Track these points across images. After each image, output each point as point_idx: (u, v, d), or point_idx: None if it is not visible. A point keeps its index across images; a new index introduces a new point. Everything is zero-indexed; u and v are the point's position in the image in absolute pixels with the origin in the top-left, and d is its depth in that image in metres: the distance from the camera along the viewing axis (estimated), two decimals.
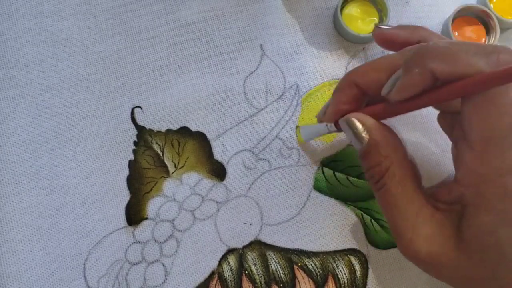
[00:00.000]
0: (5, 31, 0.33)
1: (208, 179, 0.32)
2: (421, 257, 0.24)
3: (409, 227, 0.25)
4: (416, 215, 0.25)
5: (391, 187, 0.25)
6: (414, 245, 0.24)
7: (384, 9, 0.34)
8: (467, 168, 0.23)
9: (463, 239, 0.23)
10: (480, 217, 0.23)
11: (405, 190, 0.25)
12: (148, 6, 0.34)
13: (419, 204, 0.25)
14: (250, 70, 0.34)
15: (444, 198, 0.25)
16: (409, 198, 0.25)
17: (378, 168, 0.25)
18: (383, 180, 0.25)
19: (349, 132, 0.26)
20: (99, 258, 0.31)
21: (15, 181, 0.31)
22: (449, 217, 0.24)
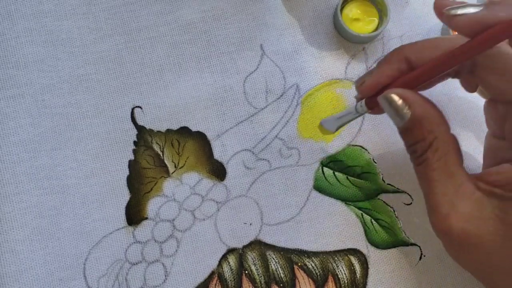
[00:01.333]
0: (5, 31, 0.33)
1: (208, 179, 0.32)
2: (455, 234, 0.24)
3: (446, 202, 0.24)
4: (456, 191, 0.24)
5: (433, 161, 0.24)
6: (449, 220, 0.24)
7: (384, 9, 0.34)
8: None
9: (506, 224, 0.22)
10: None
11: (447, 165, 0.24)
12: (148, 6, 0.34)
13: (460, 180, 0.24)
14: (250, 70, 0.34)
15: (491, 178, 0.24)
16: (449, 173, 0.24)
17: (422, 143, 0.25)
18: (425, 154, 0.25)
19: (389, 109, 0.25)
20: (99, 258, 0.31)
21: (15, 181, 0.31)
22: (490, 199, 0.24)
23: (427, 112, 0.25)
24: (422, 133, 0.25)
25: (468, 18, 0.22)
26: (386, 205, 0.33)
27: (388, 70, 0.26)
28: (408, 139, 0.26)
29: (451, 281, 0.32)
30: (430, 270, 0.32)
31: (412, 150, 0.25)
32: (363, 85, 0.27)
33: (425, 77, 0.25)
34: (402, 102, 0.25)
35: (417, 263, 0.32)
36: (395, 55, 0.26)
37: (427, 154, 0.25)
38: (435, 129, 0.25)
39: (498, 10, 0.21)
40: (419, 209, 0.33)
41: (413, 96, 0.25)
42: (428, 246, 0.32)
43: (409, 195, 0.33)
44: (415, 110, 0.24)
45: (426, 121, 0.24)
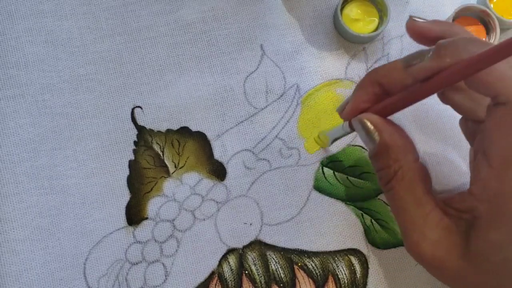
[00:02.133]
0: (5, 31, 0.33)
1: (208, 179, 0.32)
2: (426, 259, 0.25)
3: (415, 230, 0.25)
4: (424, 219, 0.25)
5: (399, 190, 0.25)
6: (420, 248, 0.25)
7: (384, 9, 0.34)
8: (483, 183, 0.23)
9: (470, 250, 0.23)
10: (490, 233, 0.23)
11: (413, 194, 0.25)
12: (148, 6, 0.34)
13: (428, 208, 0.25)
14: (250, 70, 0.34)
15: (455, 205, 0.25)
16: (417, 202, 0.25)
17: (387, 171, 0.25)
18: (391, 183, 0.25)
19: (361, 132, 0.26)
20: (99, 258, 0.31)
21: (15, 181, 0.31)
22: (458, 224, 0.24)
23: (394, 140, 0.25)
24: (388, 160, 0.25)
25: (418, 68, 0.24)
26: (386, 205, 0.33)
27: (363, 95, 0.27)
28: (375, 164, 0.26)
29: None
30: None
31: (379, 175, 0.26)
32: (344, 112, 0.28)
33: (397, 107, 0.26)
34: (373, 127, 0.26)
35: (417, 263, 0.32)
36: (367, 80, 0.27)
37: (392, 183, 0.25)
38: (401, 158, 0.25)
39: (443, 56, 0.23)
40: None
41: (382, 124, 0.26)
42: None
43: None
44: (383, 137, 0.25)
45: (392, 149, 0.25)
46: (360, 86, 0.28)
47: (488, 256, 0.23)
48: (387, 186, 0.26)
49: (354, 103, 0.27)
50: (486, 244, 0.23)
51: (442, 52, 0.23)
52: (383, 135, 0.25)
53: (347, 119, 0.28)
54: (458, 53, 0.23)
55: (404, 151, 0.25)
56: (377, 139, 0.25)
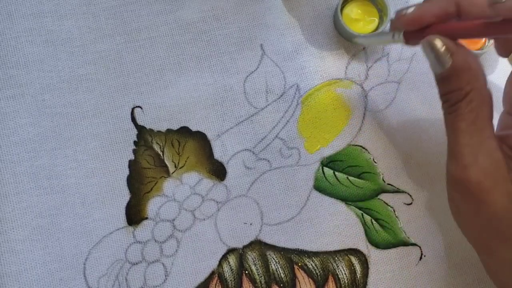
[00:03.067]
0: (5, 31, 0.33)
1: (208, 179, 0.32)
2: (471, 185, 0.24)
3: (469, 153, 0.24)
4: (480, 144, 0.24)
5: (465, 112, 0.25)
6: (468, 171, 0.24)
7: (384, 9, 0.34)
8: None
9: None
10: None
11: (477, 117, 0.25)
12: (148, 6, 0.34)
13: (486, 135, 0.24)
14: (250, 70, 0.34)
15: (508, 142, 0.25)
16: (478, 126, 0.24)
17: (458, 93, 0.25)
18: (459, 103, 0.25)
19: (431, 55, 0.25)
20: (99, 258, 0.31)
21: (15, 181, 0.31)
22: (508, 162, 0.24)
23: (469, 63, 0.25)
24: (460, 83, 0.25)
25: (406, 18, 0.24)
26: (386, 205, 0.33)
27: (435, 8, 0.26)
28: (444, 87, 0.26)
29: (451, 281, 0.32)
30: (430, 270, 0.32)
31: (446, 98, 0.26)
32: (405, 16, 0.27)
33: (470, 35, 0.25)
34: (445, 49, 0.25)
35: (417, 263, 0.32)
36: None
37: (460, 104, 0.25)
38: (473, 81, 0.25)
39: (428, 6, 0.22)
40: (419, 209, 0.33)
41: (456, 46, 0.25)
42: (428, 246, 0.32)
43: (409, 195, 0.33)
44: (457, 59, 0.25)
45: (466, 72, 0.25)
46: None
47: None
48: (453, 107, 0.25)
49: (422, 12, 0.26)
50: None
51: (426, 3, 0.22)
52: (458, 57, 0.25)
53: (406, 27, 0.27)
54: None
55: (477, 75, 0.25)
56: (449, 61, 0.25)
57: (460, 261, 0.32)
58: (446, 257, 0.32)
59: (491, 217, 0.24)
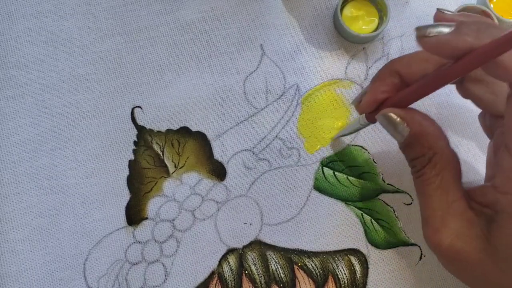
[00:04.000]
0: (5, 31, 0.33)
1: (208, 179, 0.32)
2: (444, 249, 0.24)
3: (438, 217, 0.25)
4: (448, 207, 0.25)
5: (430, 176, 0.25)
6: (439, 235, 0.24)
7: (384, 9, 0.34)
8: (506, 175, 0.23)
9: (492, 244, 0.23)
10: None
11: (443, 181, 0.25)
12: (148, 6, 0.34)
13: (454, 197, 0.25)
14: (250, 70, 0.34)
15: (477, 199, 0.25)
16: (445, 190, 0.25)
17: (421, 159, 0.25)
18: (424, 169, 0.25)
19: (388, 127, 0.26)
20: (99, 258, 0.31)
21: (15, 181, 0.31)
22: (480, 218, 0.24)
23: (425, 128, 0.25)
24: (421, 149, 0.25)
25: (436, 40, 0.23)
26: (386, 205, 0.33)
27: (381, 86, 0.27)
28: (408, 155, 0.26)
29: (451, 281, 0.32)
30: (430, 270, 0.32)
31: (413, 164, 0.26)
32: (361, 104, 0.28)
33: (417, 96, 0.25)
34: (400, 119, 0.25)
35: (417, 263, 0.32)
36: (386, 70, 0.27)
37: (424, 170, 0.25)
38: (434, 145, 0.25)
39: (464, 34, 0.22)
40: (419, 209, 0.33)
41: (409, 114, 0.25)
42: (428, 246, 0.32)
43: (409, 195, 0.33)
44: (413, 127, 0.25)
45: (424, 137, 0.25)
46: (378, 77, 0.27)
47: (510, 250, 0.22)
48: (419, 173, 0.26)
49: (373, 93, 0.27)
50: (508, 238, 0.23)
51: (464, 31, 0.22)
52: (413, 125, 0.25)
53: (365, 111, 0.28)
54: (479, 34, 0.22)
55: (437, 137, 0.25)
56: (406, 130, 0.25)
57: None
58: None
59: (470, 273, 0.24)
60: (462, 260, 0.24)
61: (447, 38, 0.22)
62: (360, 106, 0.28)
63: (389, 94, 0.27)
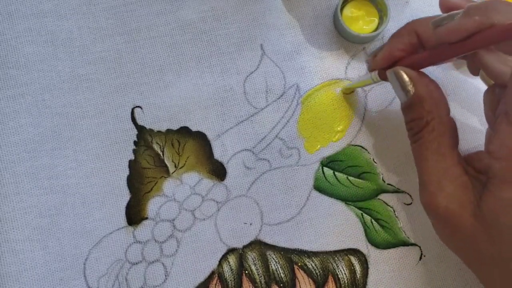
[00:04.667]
0: (5, 31, 0.33)
1: (208, 179, 0.32)
2: (440, 211, 0.25)
3: (434, 181, 0.25)
4: (444, 171, 0.25)
5: (427, 140, 0.26)
6: (435, 198, 0.25)
7: (384, 9, 0.34)
8: (501, 141, 0.23)
9: (481, 209, 0.24)
10: (503, 190, 0.23)
11: (440, 146, 0.25)
12: (148, 6, 0.34)
13: (450, 163, 0.25)
14: (250, 70, 0.34)
15: (474, 164, 0.25)
16: (441, 155, 0.25)
17: (419, 121, 0.26)
18: (421, 133, 0.26)
19: (396, 84, 0.27)
20: (99, 258, 0.31)
21: (15, 181, 0.31)
22: (474, 184, 0.25)
23: (429, 92, 0.26)
24: (421, 111, 0.26)
25: (446, 28, 0.24)
26: (386, 205, 0.33)
27: (399, 43, 0.27)
28: (407, 115, 0.27)
29: (451, 281, 0.32)
30: (430, 270, 0.32)
31: (410, 126, 0.27)
32: (376, 58, 0.28)
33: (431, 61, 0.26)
34: (408, 79, 0.26)
35: (417, 263, 0.32)
36: (405, 29, 0.27)
37: (422, 133, 0.26)
38: (434, 110, 0.26)
39: (473, 15, 0.23)
40: (419, 209, 0.33)
41: (418, 76, 0.26)
42: (428, 246, 0.32)
43: (409, 195, 0.33)
44: (418, 89, 0.26)
45: (427, 101, 0.26)
46: (396, 35, 0.28)
47: (498, 215, 0.23)
48: (416, 136, 0.26)
49: (389, 50, 0.28)
50: (497, 202, 0.23)
51: (472, 11, 0.23)
52: (419, 86, 0.26)
53: (379, 67, 0.28)
54: (487, 12, 0.23)
55: (438, 104, 0.26)
56: (411, 90, 0.26)
57: (460, 261, 0.32)
58: (446, 257, 0.32)
59: (464, 239, 0.25)
60: (455, 224, 0.25)
61: (457, 23, 0.23)
62: (375, 61, 0.29)
63: (406, 52, 0.27)
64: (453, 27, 0.24)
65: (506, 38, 0.22)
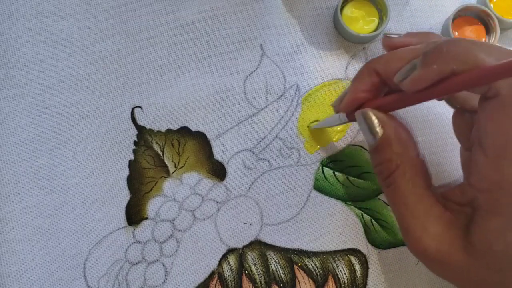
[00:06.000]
0: (5, 31, 0.33)
1: (208, 179, 0.32)
2: (430, 255, 0.25)
3: (418, 225, 0.25)
4: (426, 213, 0.25)
5: (401, 185, 0.25)
6: (423, 243, 0.25)
7: (384, 9, 0.34)
8: (481, 173, 0.23)
9: (471, 242, 0.23)
10: (491, 221, 0.23)
11: (415, 188, 0.25)
12: (148, 6, 0.34)
13: (429, 203, 0.25)
14: (250, 70, 0.34)
15: (455, 199, 0.25)
16: (419, 197, 0.25)
17: (388, 164, 0.25)
18: (392, 177, 0.25)
19: (363, 125, 0.26)
20: (99, 258, 0.31)
21: (15, 181, 0.31)
22: (458, 218, 0.24)
23: (398, 134, 0.26)
24: (390, 154, 0.25)
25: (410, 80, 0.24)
26: (386, 205, 0.33)
27: (361, 85, 0.27)
28: (376, 158, 0.26)
29: None
30: (430, 270, 0.32)
31: (379, 170, 0.26)
32: (342, 103, 0.28)
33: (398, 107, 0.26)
34: (377, 121, 0.26)
35: (417, 263, 0.32)
36: (365, 70, 0.27)
37: (394, 177, 0.25)
38: (404, 152, 0.25)
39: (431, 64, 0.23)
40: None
41: (386, 118, 0.26)
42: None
43: None
44: (387, 131, 0.25)
45: (395, 142, 0.25)
46: (357, 77, 0.28)
47: (489, 246, 0.23)
48: (387, 180, 0.26)
49: (353, 92, 0.27)
50: (487, 233, 0.23)
51: (429, 60, 0.23)
52: (387, 128, 0.25)
53: (345, 110, 0.28)
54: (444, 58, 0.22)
55: (407, 145, 0.26)
56: (379, 132, 0.26)
57: None
58: None
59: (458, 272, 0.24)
60: (447, 263, 0.24)
61: (418, 74, 0.23)
62: (341, 105, 0.28)
63: (369, 93, 0.27)
64: (415, 78, 0.23)
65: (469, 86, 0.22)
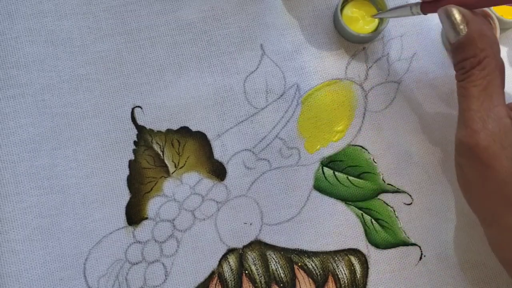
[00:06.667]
0: (5, 31, 0.33)
1: (208, 179, 0.32)
2: (478, 150, 0.25)
3: (479, 119, 0.25)
4: (490, 110, 0.25)
5: (477, 78, 0.25)
6: (478, 136, 0.25)
7: (384, 9, 0.34)
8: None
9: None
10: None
11: (489, 84, 0.25)
12: (148, 5, 0.34)
13: (496, 102, 0.25)
14: (250, 70, 0.34)
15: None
16: (488, 93, 0.25)
17: (472, 60, 0.26)
18: (472, 70, 0.26)
19: (447, 23, 0.26)
20: (99, 258, 0.31)
21: (15, 181, 0.31)
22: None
23: (483, 31, 0.26)
24: (475, 50, 0.26)
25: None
26: (386, 205, 0.33)
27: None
28: (459, 55, 0.26)
29: (451, 281, 0.32)
30: (430, 270, 0.32)
31: (461, 66, 0.26)
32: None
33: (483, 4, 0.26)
34: (461, 18, 0.26)
35: (417, 263, 0.32)
36: None
37: (473, 71, 0.26)
38: (488, 48, 0.26)
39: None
40: (419, 209, 0.33)
41: (471, 15, 0.26)
42: (428, 246, 0.32)
43: (409, 195, 0.33)
44: (473, 27, 0.26)
45: (480, 39, 0.26)
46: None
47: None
48: (465, 74, 0.26)
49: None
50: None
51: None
52: (473, 25, 0.26)
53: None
54: None
55: (492, 42, 0.26)
56: (464, 29, 0.26)
57: (460, 261, 0.32)
58: (446, 257, 0.32)
59: (498, 182, 0.24)
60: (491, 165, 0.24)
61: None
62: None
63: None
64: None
65: None
